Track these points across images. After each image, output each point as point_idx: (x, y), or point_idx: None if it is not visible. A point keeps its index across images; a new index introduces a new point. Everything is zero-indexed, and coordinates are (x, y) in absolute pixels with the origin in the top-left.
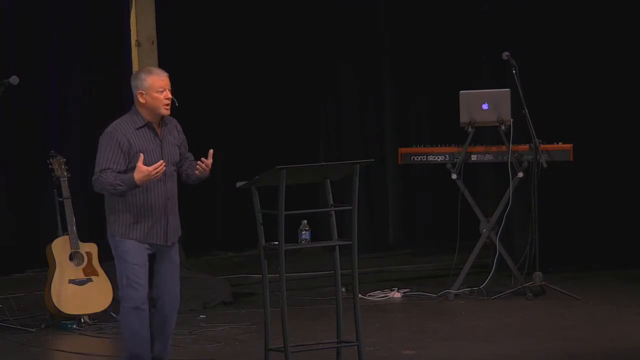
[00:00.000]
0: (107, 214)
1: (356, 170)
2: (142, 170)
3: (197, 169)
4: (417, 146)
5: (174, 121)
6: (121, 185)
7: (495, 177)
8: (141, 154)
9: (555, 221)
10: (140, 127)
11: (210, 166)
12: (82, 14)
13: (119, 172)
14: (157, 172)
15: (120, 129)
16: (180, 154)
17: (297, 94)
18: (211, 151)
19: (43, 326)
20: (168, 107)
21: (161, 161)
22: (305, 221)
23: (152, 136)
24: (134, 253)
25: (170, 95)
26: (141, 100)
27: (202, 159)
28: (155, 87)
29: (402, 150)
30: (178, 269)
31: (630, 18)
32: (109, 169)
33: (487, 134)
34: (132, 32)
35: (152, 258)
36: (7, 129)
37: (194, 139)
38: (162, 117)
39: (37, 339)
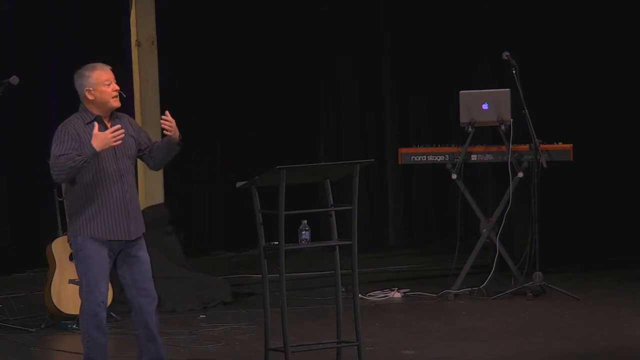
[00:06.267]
0: (68, 214)
1: (356, 170)
2: (98, 135)
3: (164, 129)
4: (417, 146)
5: (127, 116)
6: (79, 155)
7: (495, 177)
8: (95, 123)
9: (555, 221)
10: (90, 122)
11: (174, 123)
12: (82, 14)
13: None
14: (114, 137)
15: (70, 124)
16: (141, 143)
17: (297, 94)
18: (167, 112)
19: (43, 326)
20: (117, 99)
21: (119, 125)
22: (305, 221)
23: (103, 130)
24: (94, 258)
25: (117, 87)
26: (89, 97)
27: (163, 117)
28: (101, 80)
29: (402, 150)
30: (149, 266)
31: (630, 18)
32: (61, 154)
33: (487, 134)
34: (132, 32)
35: (118, 260)
36: (7, 129)
37: (194, 138)
38: (112, 113)
39: (37, 339)
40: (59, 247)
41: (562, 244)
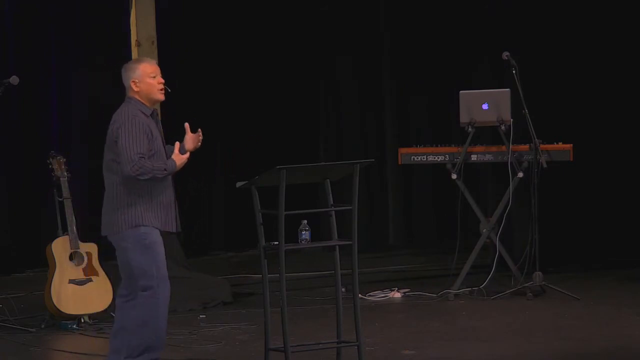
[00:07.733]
0: (117, 206)
1: (356, 170)
2: (181, 157)
3: (189, 140)
4: (417, 146)
5: None
6: (166, 170)
7: (495, 177)
8: (177, 142)
9: (555, 221)
10: (149, 115)
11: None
12: (82, 14)
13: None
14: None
15: (138, 117)
16: None
17: (297, 94)
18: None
19: (43, 326)
20: (163, 92)
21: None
22: (305, 221)
23: (157, 124)
24: (159, 244)
25: (162, 80)
26: (135, 88)
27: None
28: (147, 72)
29: (402, 150)
30: None
31: (630, 18)
32: (142, 153)
33: (487, 134)
34: (132, 32)
35: None
36: (7, 129)
37: None
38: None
39: (37, 339)
40: (59, 247)
41: (562, 244)
